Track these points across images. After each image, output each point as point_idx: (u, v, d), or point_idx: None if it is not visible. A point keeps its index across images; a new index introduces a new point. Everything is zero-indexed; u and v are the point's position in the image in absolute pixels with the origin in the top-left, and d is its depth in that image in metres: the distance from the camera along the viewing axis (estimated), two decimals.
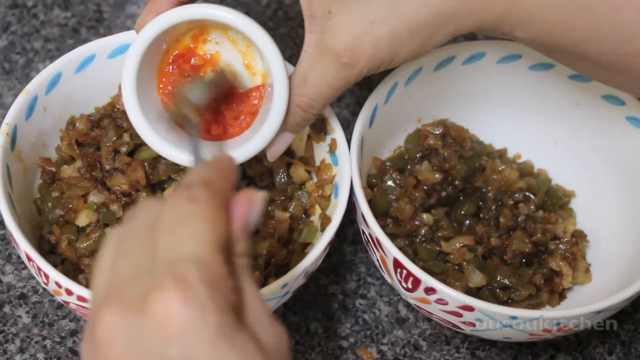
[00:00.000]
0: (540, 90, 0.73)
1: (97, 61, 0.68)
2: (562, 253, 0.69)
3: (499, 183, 0.72)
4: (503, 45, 0.71)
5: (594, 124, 0.72)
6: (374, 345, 0.71)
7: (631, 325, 0.73)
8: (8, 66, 0.82)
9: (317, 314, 0.72)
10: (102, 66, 0.69)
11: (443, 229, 0.70)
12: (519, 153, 0.77)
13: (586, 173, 0.74)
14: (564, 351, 0.72)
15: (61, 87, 0.67)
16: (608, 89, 0.70)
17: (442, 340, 0.72)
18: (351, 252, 0.75)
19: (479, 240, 0.70)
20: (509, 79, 0.73)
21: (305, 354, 0.70)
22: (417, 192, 0.70)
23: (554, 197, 0.73)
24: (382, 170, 0.71)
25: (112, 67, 0.69)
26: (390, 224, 0.69)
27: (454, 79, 0.72)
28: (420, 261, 0.69)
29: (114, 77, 0.69)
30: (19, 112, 0.65)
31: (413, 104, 0.73)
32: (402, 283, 0.63)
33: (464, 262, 0.68)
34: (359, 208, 0.64)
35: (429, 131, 0.72)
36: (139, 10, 0.87)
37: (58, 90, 0.67)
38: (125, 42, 0.68)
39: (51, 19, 0.85)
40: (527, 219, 0.71)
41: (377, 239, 0.63)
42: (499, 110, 0.75)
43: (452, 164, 0.71)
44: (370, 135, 0.69)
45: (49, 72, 0.66)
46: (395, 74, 0.70)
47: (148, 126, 0.61)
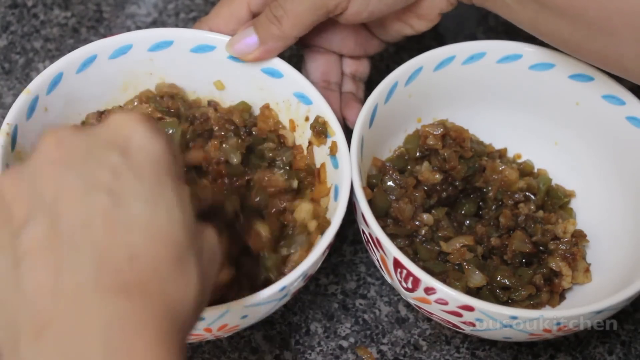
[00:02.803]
0: (540, 90, 0.73)
1: (99, 62, 0.68)
2: (562, 253, 0.69)
3: (499, 183, 0.72)
4: (503, 45, 0.71)
5: (594, 123, 0.72)
6: (374, 345, 0.71)
7: (631, 325, 0.73)
8: (8, 66, 0.82)
9: (317, 314, 0.72)
10: (104, 67, 0.69)
11: (443, 229, 0.70)
12: (519, 153, 0.77)
13: (586, 173, 0.74)
14: (564, 351, 0.72)
15: (62, 87, 0.67)
16: (609, 89, 0.70)
17: (442, 340, 0.72)
18: (351, 252, 0.75)
19: (479, 240, 0.70)
20: (509, 78, 0.73)
21: (305, 354, 0.70)
22: (417, 193, 0.70)
23: (554, 197, 0.73)
24: (382, 170, 0.71)
25: (113, 68, 0.69)
26: (390, 224, 0.69)
27: (454, 78, 0.72)
28: (421, 261, 0.69)
29: (115, 77, 0.69)
30: (19, 111, 0.64)
31: (413, 103, 0.73)
32: (402, 283, 0.63)
33: (464, 262, 0.68)
34: (359, 208, 0.64)
35: (429, 132, 0.72)
36: (139, 10, 0.87)
37: (59, 91, 0.67)
38: (127, 43, 0.68)
39: (51, 19, 0.85)
40: (527, 219, 0.71)
41: (377, 239, 0.63)
42: (499, 110, 0.75)
43: (452, 165, 0.71)
44: (370, 135, 0.69)
45: (50, 72, 0.66)
46: (395, 74, 0.70)
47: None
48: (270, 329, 0.71)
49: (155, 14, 0.87)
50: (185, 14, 0.87)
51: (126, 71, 0.70)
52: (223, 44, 0.69)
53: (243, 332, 0.70)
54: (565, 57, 0.70)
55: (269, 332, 0.70)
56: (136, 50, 0.69)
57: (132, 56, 0.69)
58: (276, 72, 0.69)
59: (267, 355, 0.69)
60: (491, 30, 0.89)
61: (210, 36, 0.69)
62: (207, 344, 0.69)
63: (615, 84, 0.70)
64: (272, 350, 0.70)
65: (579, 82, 0.71)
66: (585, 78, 0.70)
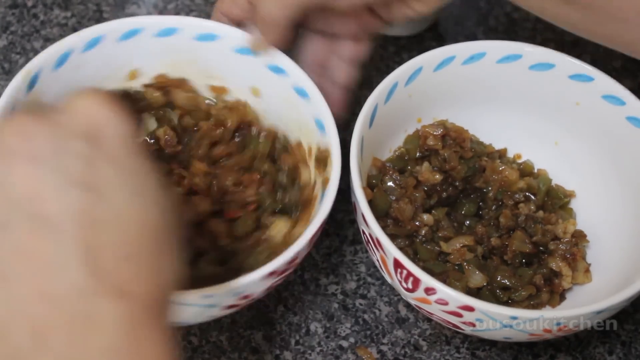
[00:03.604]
0: (541, 90, 0.73)
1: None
2: (562, 253, 0.69)
3: (499, 183, 0.72)
4: (503, 45, 0.71)
5: (594, 124, 0.72)
6: (374, 345, 0.71)
7: (631, 325, 0.73)
8: (8, 66, 0.82)
9: (317, 314, 0.72)
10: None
11: (443, 230, 0.70)
12: (519, 153, 0.77)
13: (586, 173, 0.74)
14: (564, 351, 0.72)
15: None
16: (609, 89, 0.70)
17: (442, 340, 0.72)
18: (351, 252, 0.75)
19: (479, 240, 0.70)
20: (509, 78, 0.73)
21: (305, 354, 0.70)
22: (418, 193, 0.70)
23: (554, 197, 0.73)
24: (382, 170, 0.71)
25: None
26: (390, 224, 0.69)
27: (454, 78, 0.72)
28: (421, 261, 0.69)
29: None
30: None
31: (413, 104, 0.72)
32: (402, 283, 0.63)
33: (464, 263, 0.68)
34: (359, 209, 0.64)
35: (429, 132, 0.72)
36: (139, 11, 0.87)
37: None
38: (173, 26, 0.68)
39: (51, 19, 0.85)
40: (527, 219, 0.71)
41: (377, 240, 0.63)
42: (499, 110, 0.75)
43: (452, 165, 0.71)
44: (370, 135, 0.68)
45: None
46: (395, 74, 0.70)
47: None
48: (270, 329, 0.71)
49: (155, 14, 0.87)
50: (185, 13, 0.87)
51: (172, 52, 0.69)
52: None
53: (243, 332, 0.70)
54: (566, 57, 0.70)
55: (269, 332, 0.70)
56: (181, 36, 0.68)
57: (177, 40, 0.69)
58: (304, 92, 0.68)
59: (267, 355, 0.69)
60: (491, 30, 0.89)
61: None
62: (207, 344, 0.69)
63: (616, 84, 0.70)
64: (272, 350, 0.70)
65: (579, 82, 0.71)
66: (586, 78, 0.70)
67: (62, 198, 0.38)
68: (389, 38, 0.87)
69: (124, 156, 0.41)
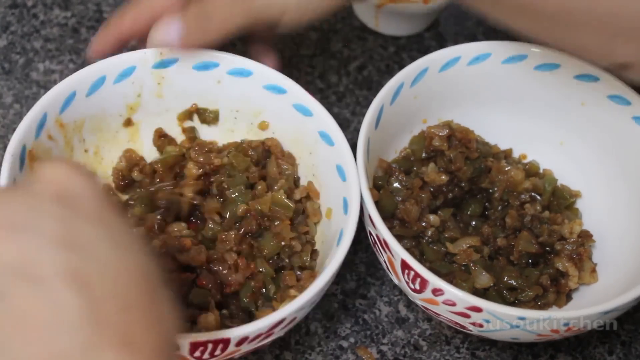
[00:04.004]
0: (546, 90, 0.73)
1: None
2: (569, 254, 0.70)
3: (505, 184, 0.72)
4: (508, 46, 0.71)
5: (600, 124, 0.72)
6: (374, 345, 0.71)
7: (631, 325, 0.74)
8: (8, 66, 0.82)
9: (317, 314, 0.72)
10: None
11: (449, 230, 0.70)
12: (525, 153, 0.77)
13: (592, 173, 0.74)
14: (564, 351, 0.72)
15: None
16: (614, 89, 0.70)
17: (442, 340, 0.72)
18: (351, 252, 0.75)
19: (485, 241, 0.70)
20: (514, 79, 0.73)
21: (305, 354, 0.70)
22: (424, 194, 0.70)
23: (560, 197, 0.73)
24: (388, 171, 0.71)
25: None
26: (396, 225, 0.69)
27: (459, 79, 0.72)
28: (427, 262, 0.69)
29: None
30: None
31: (419, 105, 0.72)
32: (409, 284, 0.63)
33: (470, 263, 0.68)
34: (366, 210, 0.64)
35: (435, 133, 0.72)
36: None
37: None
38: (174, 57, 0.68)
39: (51, 19, 0.85)
40: (533, 219, 0.71)
41: (384, 241, 0.63)
42: (505, 110, 0.75)
43: (458, 166, 0.71)
44: (376, 136, 0.68)
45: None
46: (400, 75, 0.69)
47: None
48: None
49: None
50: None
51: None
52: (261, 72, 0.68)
53: None
54: (571, 57, 0.70)
55: None
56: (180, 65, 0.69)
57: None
58: (328, 137, 0.68)
59: (267, 355, 0.69)
60: (491, 31, 0.89)
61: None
62: None
63: (621, 84, 0.70)
64: (272, 350, 0.69)
65: (584, 82, 0.71)
66: (591, 78, 0.70)
67: (49, 259, 0.39)
68: (389, 38, 0.87)
69: (98, 213, 0.42)
